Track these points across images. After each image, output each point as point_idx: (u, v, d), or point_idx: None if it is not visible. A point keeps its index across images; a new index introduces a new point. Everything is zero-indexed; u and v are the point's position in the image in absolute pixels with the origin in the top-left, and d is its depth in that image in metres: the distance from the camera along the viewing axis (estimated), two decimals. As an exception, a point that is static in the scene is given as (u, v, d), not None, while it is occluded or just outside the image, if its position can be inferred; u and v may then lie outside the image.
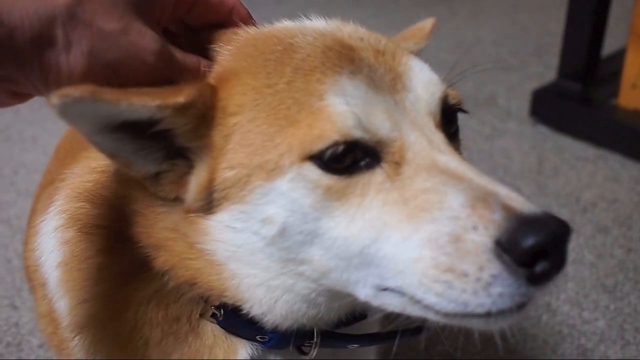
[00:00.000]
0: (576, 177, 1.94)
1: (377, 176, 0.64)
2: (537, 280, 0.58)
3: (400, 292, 0.63)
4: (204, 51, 0.74)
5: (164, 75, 0.67)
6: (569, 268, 1.61)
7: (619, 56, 2.16)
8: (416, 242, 0.61)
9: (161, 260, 0.73)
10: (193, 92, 0.65)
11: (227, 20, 0.77)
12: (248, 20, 0.79)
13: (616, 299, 1.52)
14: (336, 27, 0.74)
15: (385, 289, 0.64)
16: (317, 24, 0.76)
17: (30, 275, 0.89)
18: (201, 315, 0.76)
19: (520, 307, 0.60)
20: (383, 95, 0.67)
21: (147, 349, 0.76)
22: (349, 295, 0.68)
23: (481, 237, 0.58)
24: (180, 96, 0.63)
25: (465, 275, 0.59)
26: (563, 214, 1.78)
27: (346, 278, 0.66)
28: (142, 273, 0.76)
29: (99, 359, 0.79)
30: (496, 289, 0.58)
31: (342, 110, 0.63)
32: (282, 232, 0.65)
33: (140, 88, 0.64)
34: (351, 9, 3.35)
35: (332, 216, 0.64)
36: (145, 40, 0.64)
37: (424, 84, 0.70)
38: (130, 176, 0.71)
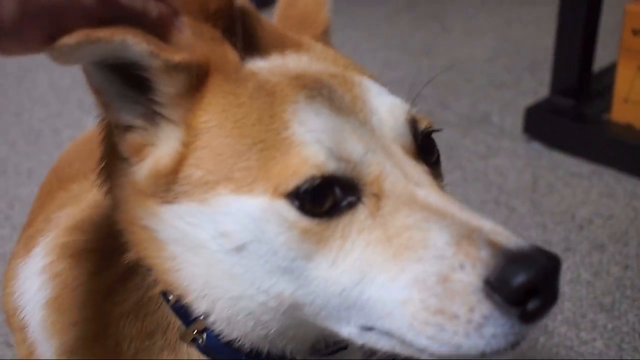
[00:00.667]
0: (571, 194, 1.93)
1: (359, 214, 0.62)
2: (530, 318, 0.56)
3: (388, 334, 0.61)
4: None
5: (105, 21, 0.62)
6: (566, 288, 1.60)
7: (611, 71, 2.17)
8: (403, 283, 0.59)
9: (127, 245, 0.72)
10: (190, 59, 0.64)
11: None
12: None
13: (614, 318, 1.51)
14: (296, 58, 0.74)
15: (370, 329, 0.63)
16: (283, 60, 0.74)
17: (9, 319, 0.89)
18: (181, 339, 0.75)
19: (516, 344, 0.59)
20: (347, 116, 0.64)
21: None
22: (327, 330, 0.66)
23: (469, 276, 0.57)
24: (177, 55, 0.62)
25: (456, 317, 0.57)
26: (558, 231, 1.78)
27: (325, 315, 0.64)
28: (125, 284, 0.76)
29: None
30: (489, 330, 0.56)
31: (310, 141, 0.61)
32: (240, 250, 0.63)
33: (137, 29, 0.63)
34: (347, 30, 3.36)
35: (309, 258, 0.61)
36: None
37: (386, 106, 0.68)
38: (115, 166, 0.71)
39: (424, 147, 0.71)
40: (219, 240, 0.64)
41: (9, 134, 2.56)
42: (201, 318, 0.70)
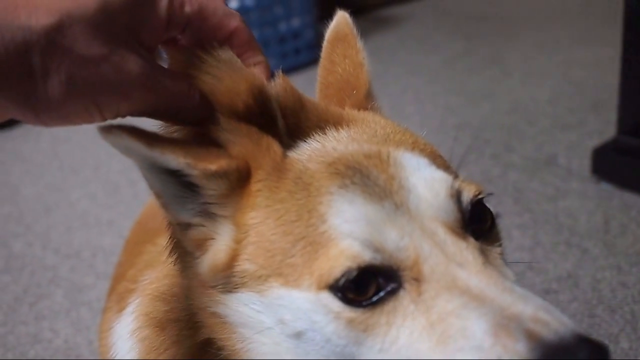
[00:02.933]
0: (645, 235, 1.91)
1: (402, 301, 0.62)
2: None
3: None
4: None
5: (150, 102, 0.65)
6: (645, 330, 1.57)
7: (679, 109, 2.14)
8: None
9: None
10: (228, 164, 0.66)
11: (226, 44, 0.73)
12: (250, 45, 0.75)
13: (698, 361, 1.47)
14: (335, 137, 0.73)
15: None
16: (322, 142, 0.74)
17: None
18: None
19: None
20: (381, 201, 0.64)
21: None
22: None
23: None
24: (214, 164, 0.65)
25: None
26: (634, 272, 1.75)
27: None
28: (204, 354, 0.80)
29: None
30: None
31: (345, 233, 0.62)
32: (299, 336, 0.65)
33: (182, 140, 0.68)
34: (407, 77, 3.43)
35: (359, 344, 0.62)
36: (128, 65, 0.61)
37: (424, 182, 0.67)
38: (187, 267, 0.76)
39: (475, 216, 0.70)
40: (280, 326, 0.67)
41: (89, 187, 2.71)
42: None
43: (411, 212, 0.65)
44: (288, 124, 0.73)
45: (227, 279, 0.69)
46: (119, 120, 0.65)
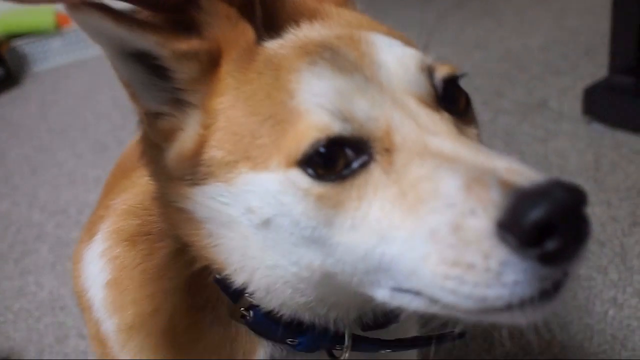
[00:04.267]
0: (636, 171, 1.87)
1: (373, 173, 0.59)
2: (551, 259, 0.50)
3: (418, 293, 0.58)
4: None
5: None
6: (635, 262, 1.55)
7: (672, 45, 2.09)
8: (420, 238, 0.55)
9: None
10: (200, 44, 0.64)
11: None
12: None
13: (688, 289, 1.45)
14: (308, 28, 0.71)
15: (401, 290, 0.60)
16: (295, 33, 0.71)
17: (79, 300, 0.94)
18: (230, 316, 0.76)
19: (547, 293, 0.53)
20: (350, 74, 0.62)
21: (177, 337, 0.78)
22: (362, 294, 0.64)
23: (480, 221, 0.51)
24: (183, 44, 0.63)
25: (472, 267, 0.52)
26: (624, 207, 1.72)
27: (357, 281, 0.62)
28: (176, 262, 0.78)
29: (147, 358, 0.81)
30: (509, 277, 0.51)
31: (313, 106, 0.60)
32: (267, 225, 0.63)
33: (154, 23, 0.64)
34: (397, 30, 3.37)
35: (329, 225, 0.59)
36: None
37: (395, 58, 0.64)
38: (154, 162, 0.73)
39: (448, 95, 0.67)
40: (248, 216, 0.64)
41: (77, 147, 2.68)
42: (244, 292, 0.71)
43: (382, 85, 0.62)
44: (265, 14, 0.70)
45: (195, 169, 0.66)
46: None
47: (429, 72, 0.66)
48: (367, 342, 0.76)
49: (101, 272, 0.85)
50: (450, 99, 0.67)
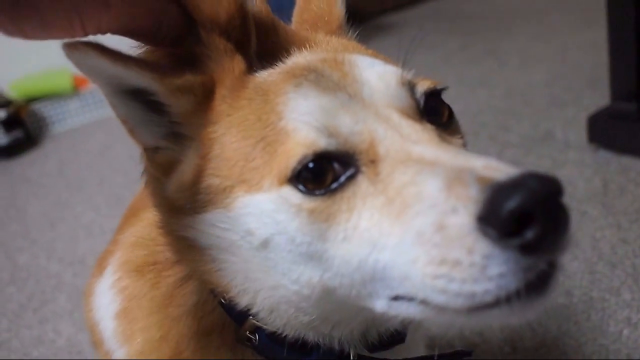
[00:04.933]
0: (644, 193, 1.88)
1: (360, 185, 0.61)
2: (533, 248, 0.52)
3: (411, 298, 0.60)
4: None
5: (132, 15, 0.64)
6: (647, 281, 1.54)
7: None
8: (409, 241, 0.57)
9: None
10: (194, 78, 0.67)
11: None
12: None
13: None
14: (298, 55, 0.75)
15: (397, 298, 0.61)
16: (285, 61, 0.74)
17: (92, 335, 0.96)
18: (237, 341, 0.78)
19: (534, 287, 0.54)
20: (334, 93, 0.65)
21: None
22: (363, 308, 0.66)
23: (462, 217, 0.53)
24: (178, 79, 0.66)
25: (458, 263, 0.54)
26: (634, 229, 1.72)
27: (356, 294, 0.64)
28: (183, 290, 0.81)
29: None
30: (493, 270, 0.53)
31: (300, 124, 0.63)
32: (266, 245, 0.65)
33: (149, 61, 0.67)
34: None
35: (323, 238, 0.62)
36: None
37: (376, 75, 0.68)
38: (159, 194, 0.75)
39: (431, 108, 0.70)
40: (247, 239, 0.66)
41: (94, 200, 2.74)
42: (248, 313, 0.73)
43: (365, 101, 0.65)
44: (259, 44, 0.74)
45: (194, 198, 0.69)
46: (86, 39, 0.64)
47: (410, 86, 0.69)
48: None
49: (111, 303, 0.88)
50: (433, 111, 0.70)
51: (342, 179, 0.62)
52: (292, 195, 0.62)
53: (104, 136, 3.65)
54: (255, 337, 0.76)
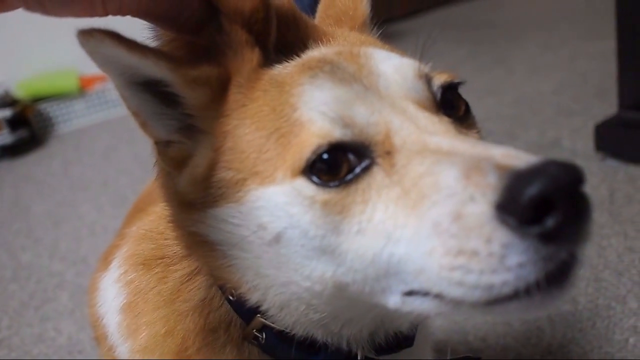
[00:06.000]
0: (651, 202, 1.86)
1: (376, 176, 0.60)
2: (552, 236, 0.50)
3: (426, 293, 0.58)
4: None
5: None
6: (654, 290, 1.52)
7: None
8: (424, 233, 0.55)
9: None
10: (210, 70, 0.66)
11: None
12: None
13: None
14: (315, 48, 0.74)
15: (410, 293, 0.59)
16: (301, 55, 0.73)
17: (95, 331, 0.95)
18: (244, 338, 0.77)
19: (553, 278, 0.52)
20: (350, 84, 0.64)
21: (190, 358, 0.78)
22: (374, 306, 0.65)
23: (480, 206, 0.52)
24: (195, 70, 0.65)
25: (476, 253, 0.52)
26: (641, 238, 1.71)
27: (369, 291, 0.62)
28: (190, 285, 0.80)
29: None
30: (513, 260, 0.51)
31: (315, 114, 0.62)
32: (278, 239, 0.63)
33: (166, 52, 0.66)
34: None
35: (337, 231, 0.60)
36: None
37: (393, 67, 0.67)
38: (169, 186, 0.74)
39: (448, 101, 0.69)
40: (259, 234, 0.65)
41: (98, 201, 2.73)
42: (257, 310, 0.72)
43: (381, 93, 0.64)
44: (279, 37, 0.73)
45: (206, 192, 0.68)
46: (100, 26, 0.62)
47: (427, 79, 0.68)
48: None
49: (116, 297, 0.86)
50: (450, 104, 0.69)
51: (357, 170, 0.60)
52: (306, 187, 0.61)
53: (108, 137, 3.65)
54: (262, 336, 0.74)
